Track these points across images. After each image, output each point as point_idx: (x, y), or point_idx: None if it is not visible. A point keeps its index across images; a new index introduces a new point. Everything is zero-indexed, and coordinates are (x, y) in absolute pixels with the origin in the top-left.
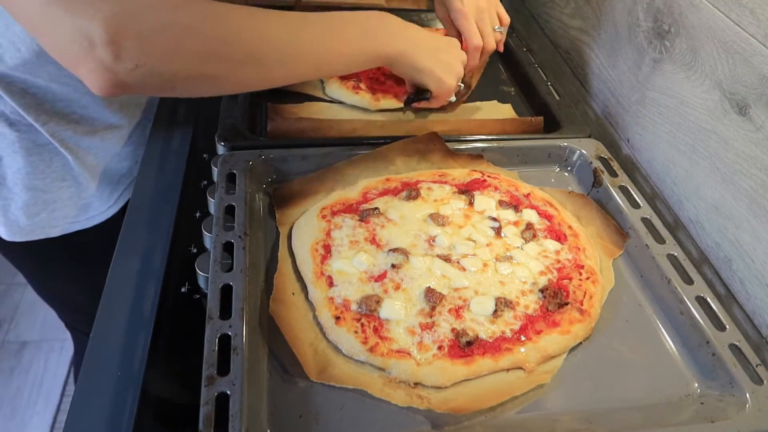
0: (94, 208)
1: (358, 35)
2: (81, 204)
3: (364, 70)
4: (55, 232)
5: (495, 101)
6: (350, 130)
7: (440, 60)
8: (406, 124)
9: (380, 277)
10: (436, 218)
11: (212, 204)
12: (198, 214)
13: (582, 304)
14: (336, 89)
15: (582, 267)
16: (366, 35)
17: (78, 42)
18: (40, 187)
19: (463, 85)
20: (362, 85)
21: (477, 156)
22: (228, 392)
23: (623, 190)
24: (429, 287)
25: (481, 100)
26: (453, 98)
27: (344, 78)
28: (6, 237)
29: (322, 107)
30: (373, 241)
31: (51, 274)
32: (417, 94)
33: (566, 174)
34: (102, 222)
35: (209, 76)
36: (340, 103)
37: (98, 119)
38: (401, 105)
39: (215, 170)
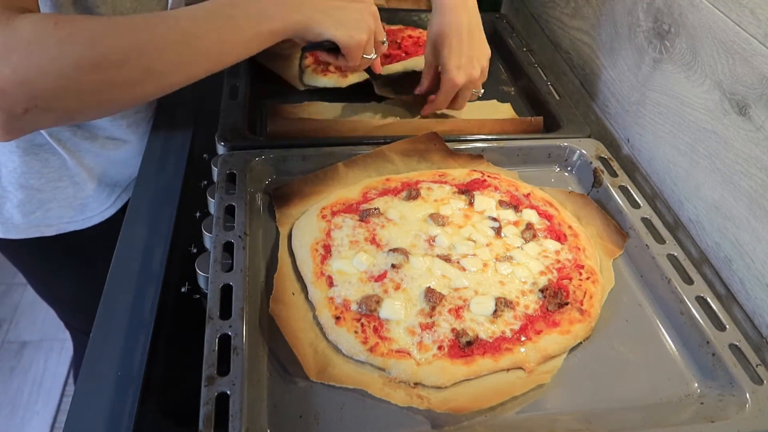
0: (91, 209)
1: (248, 19)
2: (77, 204)
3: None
4: (51, 232)
5: (494, 100)
6: (350, 131)
7: (344, 17)
8: (406, 124)
9: (380, 277)
10: (436, 218)
11: (212, 204)
12: (198, 214)
13: (582, 304)
14: (310, 77)
15: (582, 267)
16: (257, 17)
17: None
18: (35, 186)
19: (385, 42)
20: (331, 67)
21: (477, 156)
22: (228, 392)
23: (623, 190)
24: (429, 287)
25: (481, 100)
26: (372, 54)
27: (316, 63)
28: (1, 234)
29: (322, 107)
30: (373, 241)
31: (49, 273)
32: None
33: (566, 174)
34: (100, 222)
35: (106, 101)
36: (337, 103)
37: (102, 129)
38: (368, 76)
39: (215, 170)
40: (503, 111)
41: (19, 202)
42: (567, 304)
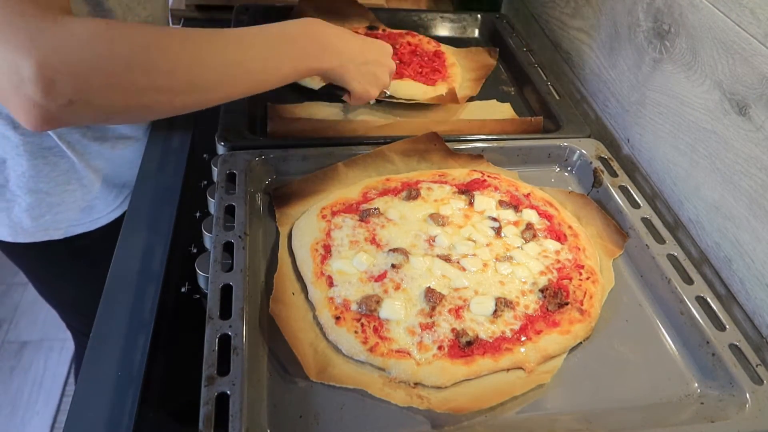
0: (98, 211)
1: (292, 55)
2: (85, 206)
3: None
4: (59, 234)
5: (494, 100)
6: (350, 131)
7: (367, 72)
8: (406, 125)
9: (380, 277)
10: (436, 218)
11: (212, 204)
12: (198, 214)
13: (582, 304)
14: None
15: (582, 267)
16: (300, 55)
17: (8, 76)
18: (44, 189)
19: (387, 91)
20: None
21: (477, 156)
22: (228, 392)
23: (623, 190)
24: (429, 287)
25: (481, 100)
26: (372, 102)
27: None
28: (9, 239)
29: (322, 107)
30: (373, 241)
31: (54, 276)
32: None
33: (566, 174)
34: (106, 224)
35: (145, 106)
36: (340, 101)
37: (112, 128)
38: None
39: (215, 170)
40: (503, 111)
41: (27, 206)
42: (567, 304)
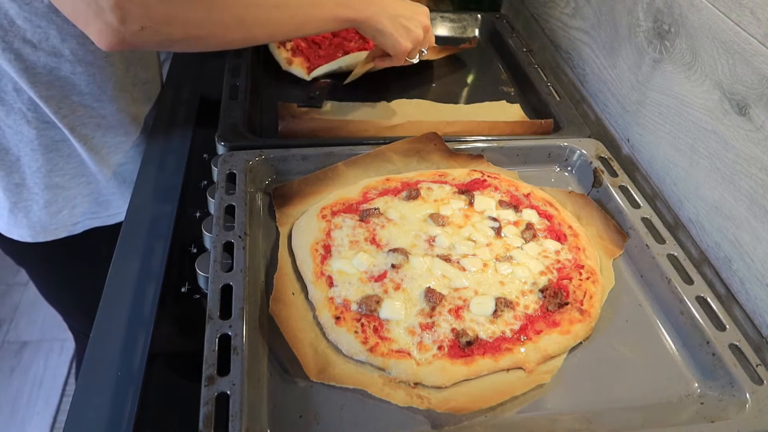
0: (115, 206)
1: (333, 3)
2: (102, 200)
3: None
4: (78, 229)
5: (503, 101)
6: (361, 131)
7: (401, 25)
8: (416, 125)
9: (380, 277)
10: (436, 218)
11: (212, 204)
12: (198, 214)
13: (582, 304)
14: (283, 64)
15: (582, 267)
16: (340, 2)
17: (90, 5)
18: (60, 184)
19: (425, 51)
20: (296, 60)
21: (477, 156)
22: (228, 392)
23: (623, 190)
24: (429, 287)
25: (482, 101)
26: (415, 60)
27: (292, 53)
28: (29, 239)
29: (332, 106)
30: (373, 241)
31: (62, 277)
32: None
33: (566, 174)
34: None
35: (202, 37)
36: (349, 101)
37: (114, 115)
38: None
39: (215, 170)
40: (512, 112)
41: (45, 203)
42: (567, 304)
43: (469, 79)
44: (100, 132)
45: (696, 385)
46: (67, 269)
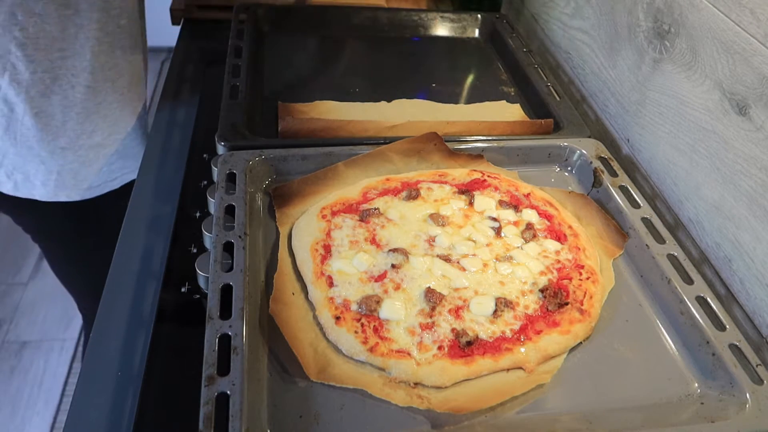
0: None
1: None
2: (131, 153)
3: None
4: (116, 184)
5: (503, 101)
6: (361, 131)
7: None
8: (418, 125)
9: (380, 278)
10: (436, 218)
11: (212, 204)
12: (198, 214)
13: (582, 304)
14: None
15: (582, 267)
16: None
17: None
18: (100, 143)
19: None
20: None
21: (477, 156)
22: (228, 392)
23: (623, 190)
24: (429, 287)
25: (483, 101)
26: None
27: None
28: (78, 197)
29: (332, 106)
30: (373, 241)
31: (80, 245)
32: None
33: (566, 174)
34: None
35: None
36: (349, 101)
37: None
38: None
39: (215, 170)
40: (512, 112)
41: (89, 163)
42: (567, 304)
43: (469, 79)
44: (127, 83)
45: (696, 385)
46: (85, 238)
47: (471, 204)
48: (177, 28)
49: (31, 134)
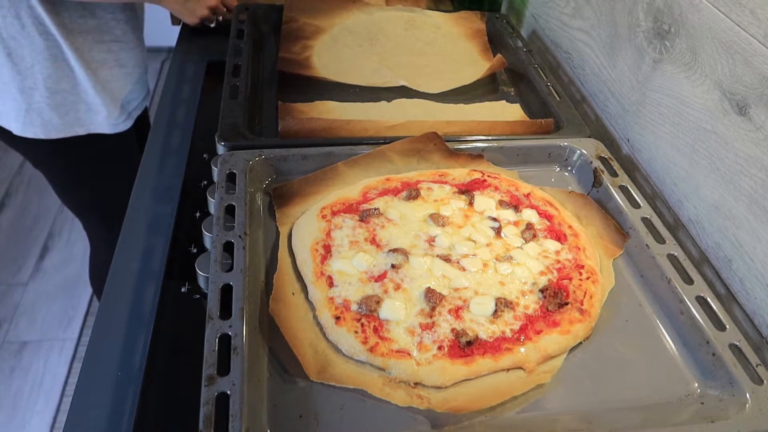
0: (112, 117)
1: None
2: (100, 109)
3: None
4: (82, 131)
5: (503, 102)
6: (361, 131)
7: (186, 7)
8: (417, 125)
9: (380, 278)
10: (436, 218)
11: (212, 204)
12: (198, 214)
13: (582, 304)
14: None
15: (582, 267)
16: None
17: None
18: (66, 89)
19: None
20: None
21: (477, 156)
22: (228, 392)
23: (623, 190)
24: (429, 287)
25: (483, 101)
26: (212, 24)
27: None
28: (42, 135)
29: (332, 106)
30: (373, 241)
31: (77, 175)
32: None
33: (566, 174)
34: (122, 132)
35: None
36: (349, 101)
37: (106, 31)
38: None
39: (215, 170)
40: (512, 112)
41: (55, 105)
42: (567, 304)
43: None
44: (92, 43)
45: (696, 385)
46: (79, 168)
47: (471, 204)
48: (177, 28)
49: (5, 71)
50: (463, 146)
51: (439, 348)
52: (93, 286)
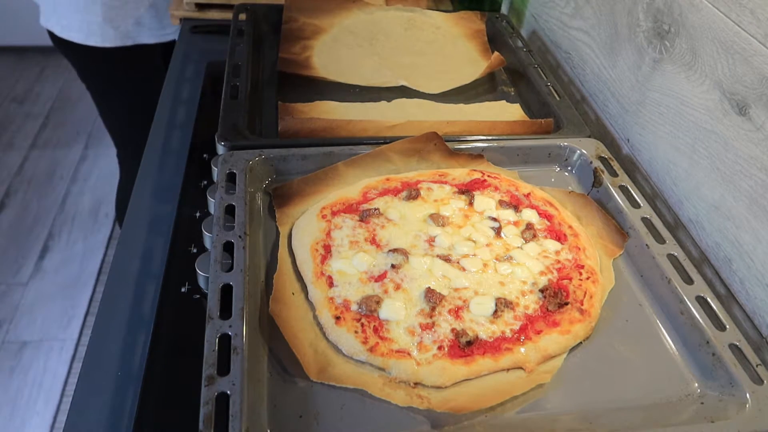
0: (157, 28)
1: None
2: (146, 22)
3: None
4: (130, 42)
5: (503, 101)
6: (361, 130)
7: None
8: (417, 125)
9: (380, 278)
10: (436, 218)
11: (212, 204)
12: (198, 214)
13: (582, 304)
14: None
15: (582, 267)
16: None
17: None
18: (117, 5)
19: None
20: None
21: (477, 156)
22: (228, 392)
23: (623, 189)
24: (429, 287)
25: (483, 101)
26: None
27: None
28: (101, 45)
29: (332, 106)
30: (373, 241)
31: (122, 82)
32: None
33: (566, 174)
34: (161, 43)
35: None
36: (349, 101)
37: None
38: None
39: (215, 170)
40: (512, 112)
41: (110, 18)
42: (567, 304)
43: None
44: None
45: (696, 385)
46: (124, 75)
47: (471, 204)
48: (177, 28)
49: None
50: (463, 146)
51: (439, 348)
52: (117, 212)
